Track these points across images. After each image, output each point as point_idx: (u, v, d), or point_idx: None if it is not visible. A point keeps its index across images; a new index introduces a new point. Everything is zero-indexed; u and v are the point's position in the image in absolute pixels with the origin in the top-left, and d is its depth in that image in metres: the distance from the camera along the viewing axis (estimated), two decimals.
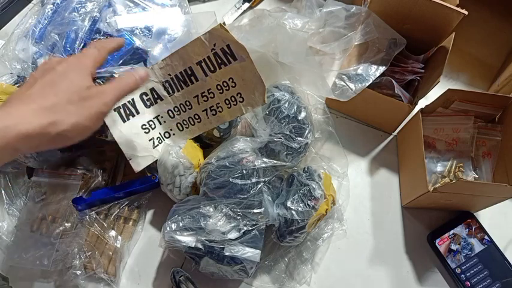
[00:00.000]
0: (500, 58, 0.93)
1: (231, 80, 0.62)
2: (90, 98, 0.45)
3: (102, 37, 0.80)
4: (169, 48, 0.75)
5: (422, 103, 0.77)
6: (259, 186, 0.62)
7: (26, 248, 0.67)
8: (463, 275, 0.71)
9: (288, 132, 0.67)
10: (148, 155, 0.67)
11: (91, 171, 0.72)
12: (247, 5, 0.94)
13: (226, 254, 0.59)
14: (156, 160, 0.67)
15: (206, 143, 0.72)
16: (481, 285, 0.70)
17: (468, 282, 0.71)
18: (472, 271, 0.71)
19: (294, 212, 0.62)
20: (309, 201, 0.63)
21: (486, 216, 0.77)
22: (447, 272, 0.72)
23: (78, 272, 0.66)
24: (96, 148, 0.75)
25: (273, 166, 0.65)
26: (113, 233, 0.69)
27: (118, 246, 0.68)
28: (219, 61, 0.61)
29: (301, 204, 0.63)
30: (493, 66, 0.93)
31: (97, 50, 0.50)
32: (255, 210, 0.61)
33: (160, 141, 0.68)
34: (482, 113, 0.77)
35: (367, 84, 0.73)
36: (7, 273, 0.67)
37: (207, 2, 0.97)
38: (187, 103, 0.66)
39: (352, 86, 0.74)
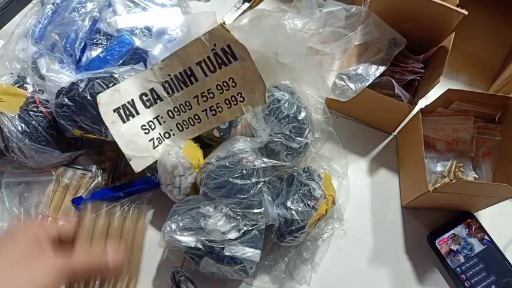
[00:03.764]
0: (500, 58, 0.93)
1: (231, 79, 0.62)
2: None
3: (102, 37, 0.80)
4: (169, 48, 0.75)
5: (422, 103, 0.77)
6: (259, 186, 0.62)
7: None
8: (463, 275, 0.71)
9: (288, 132, 0.67)
10: (148, 155, 0.67)
11: (91, 171, 0.72)
12: (247, 5, 0.94)
13: (226, 254, 0.59)
14: (156, 160, 0.67)
15: (206, 143, 0.72)
16: (481, 285, 0.70)
17: (468, 282, 0.71)
18: (472, 271, 0.71)
19: (294, 212, 0.62)
20: (309, 201, 0.63)
21: (486, 216, 0.77)
22: (447, 272, 0.73)
23: None
24: (96, 148, 0.75)
25: (273, 166, 0.65)
26: None
27: None
28: (220, 61, 0.61)
29: (301, 204, 0.63)
30: (493, 66, 0.93)
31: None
32: (255, 210, 0.61)
33: (160, 142, 0.68)
34: (482, 113, 0.77)
35: (367, 84, 0.73)
36: None
37: (208, 2, 0.97)
38: (187, 103, 0.66)
39: (352, 86, 0.74)
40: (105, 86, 0.65)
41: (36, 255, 0.40)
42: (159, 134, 0.68)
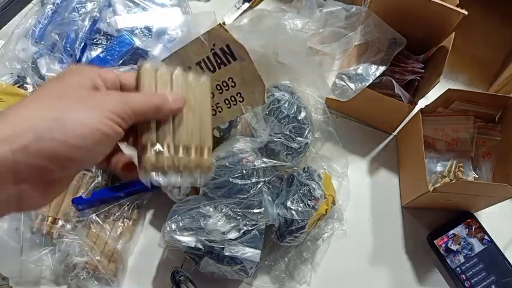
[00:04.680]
0: (500, 58, 0.93)
1: (230, 79, 0.62)
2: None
3: (102, 37, 0.80)
4: (169, 48, 0.75)
5: (422, 103, 0.77)
6: (259, 186, 0.62)
7: (26, 248, 0.67)
8: (463, 275, 0.71)
9: (288, 132, 0.67)
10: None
11: (91, 171, 0.72)
12: (247, 5, 0.94)
13: (226, 254, 0.59)
14: None
15: None
16: (481, 285, 0.70)
17: (468, 282, 0.71)
18: (472, 271, 0.71)
19: (294, 212, 0.62)
20: (309, 201, 0.63)
21: (486, 216, 0.77)
22: (447, 272, 0.72)
23: (79, 272, 0.66)
24: None
25: (273, 166, 0.65)
26: (113, 232, 0.69)
27: (118, 246, 0.68)
28: (219, 61, 0.61)
29: (301, 204, 0.63)
30: (493, 66, 0.93)
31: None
32: (255, 210, 0.61)
33: None
34: (482, 113, 0.77)
35: (367, 84, 0.73)
36: (8, 273, 0.67)
37: (208, 2, 0.97)
38: None
39: (352, 85, 0.74)
40: None
41: (85, 97, 0.31)
42: None
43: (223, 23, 0.86)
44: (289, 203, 0.63)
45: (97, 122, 0.29)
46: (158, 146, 0.36)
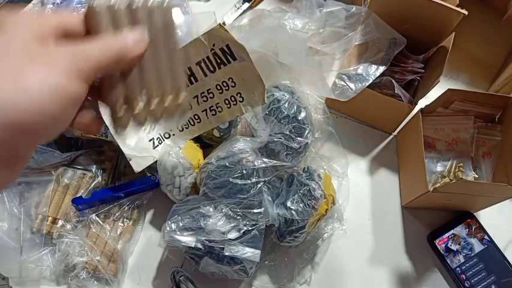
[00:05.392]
0: (500, 58, 0.93)
1: (230, 79, 0.62)
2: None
3: None
4: None
5: (422, 103, 0.77)
6: (259, 186, 0.62)
7: (26, 248, 0.67)
8: (463, 275, 0.71)
9: (287, 132, 0.67)
10: (148, 155, 0.67)
11: (91, 171, 0.73)
12: (247, 5, 0.94)
13: (226, 254, 0.59)
14: (156, 160, 0.67)
15: (206, 143, 0.72)
16: (481, 285, 0.70)
17: (468, 282, 0.71)
18: (472, 271, 0.71)
19: (294, 212, 0.62)
20: (308, 201, 0.63)
21: (486, 216, 0.77)
22: (447, 272, 0.73)
23: (79, 272, 0.66)
24: (96, 148, 0.75)
25: (273, 166, 0.65)
26: (113, 232, 0.69)
27: (118, 246, 0.68)
28: (219, 61, 0.61)
29: (301, 204, 0.63)
30: (493, 66, 0.93)
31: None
32: (255, 210, 0.61)
33: (160, 142, 0.68)
34: (482, 113, 0.77)
35: (367, 84, 0.73)
36: (8, 273, 0.67)
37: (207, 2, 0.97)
38: None
39: (352, 85, 0.74)
40: None
41: (37, 53, 0.26)
42: (159, 134, 0.68)
43: (223, 23, 0.86)
44: (289, 203, 0.63)
45: (64, 81, 0.25)
46: (130, 103, 0.33)
